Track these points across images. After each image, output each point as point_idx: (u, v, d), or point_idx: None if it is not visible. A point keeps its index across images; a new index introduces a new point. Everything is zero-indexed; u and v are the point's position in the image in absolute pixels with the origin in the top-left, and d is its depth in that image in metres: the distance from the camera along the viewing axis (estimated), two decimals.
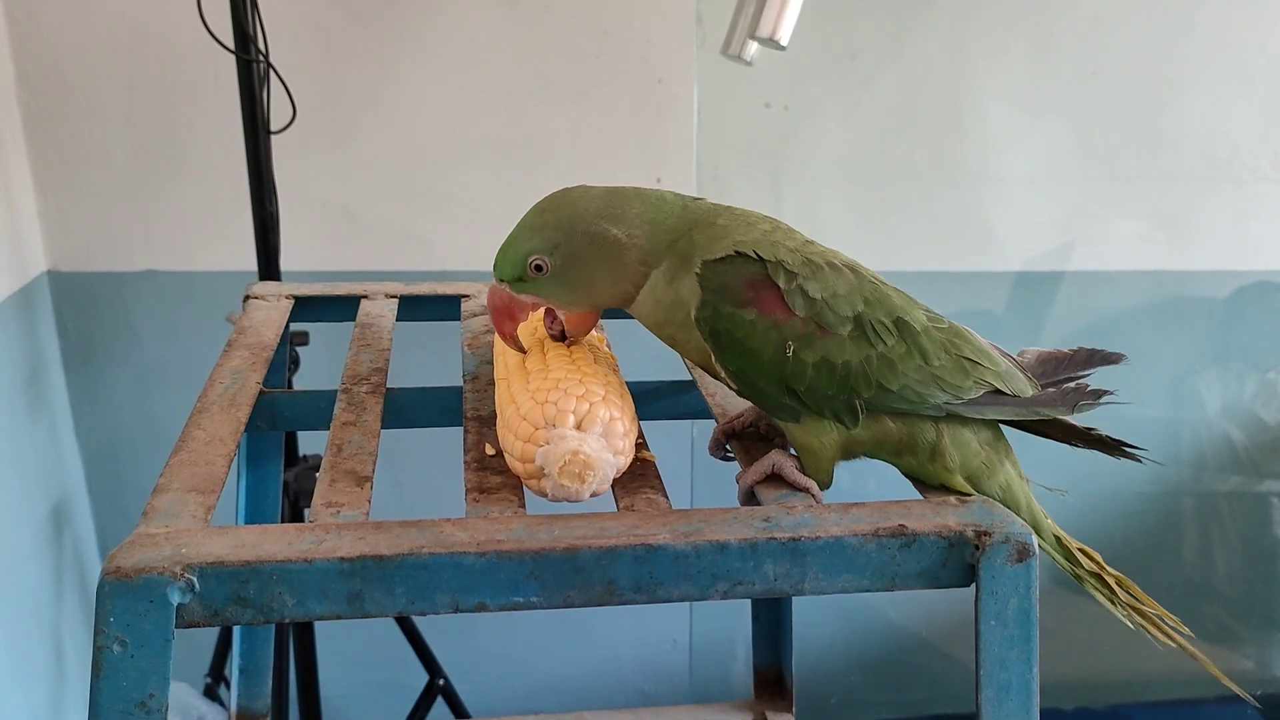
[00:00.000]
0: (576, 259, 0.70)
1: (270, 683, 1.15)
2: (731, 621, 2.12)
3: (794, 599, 1.14)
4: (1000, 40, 1.90)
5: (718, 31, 1.63)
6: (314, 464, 1.65)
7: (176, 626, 0.56)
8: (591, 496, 0.65)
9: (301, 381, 1.57)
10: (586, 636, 2.10)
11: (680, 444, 1.93)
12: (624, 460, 0.66)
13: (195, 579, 0.55)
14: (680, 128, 1.82)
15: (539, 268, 0.70)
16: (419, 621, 1.76)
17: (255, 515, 1.02)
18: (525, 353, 0.73)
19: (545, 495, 0.65)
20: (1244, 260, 2.11)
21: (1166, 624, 0.76)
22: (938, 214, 2.00)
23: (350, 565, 0.57)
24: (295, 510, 1.63)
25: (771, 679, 1.22)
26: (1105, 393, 0.74)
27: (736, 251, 0.69)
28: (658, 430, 0.89)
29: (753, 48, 1.53)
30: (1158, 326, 2.14)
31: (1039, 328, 2.10)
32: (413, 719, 1.80)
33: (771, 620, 1.20)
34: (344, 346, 0.86)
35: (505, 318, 0.72)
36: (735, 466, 0.77)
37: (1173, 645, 0.76)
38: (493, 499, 0.65)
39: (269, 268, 1.55)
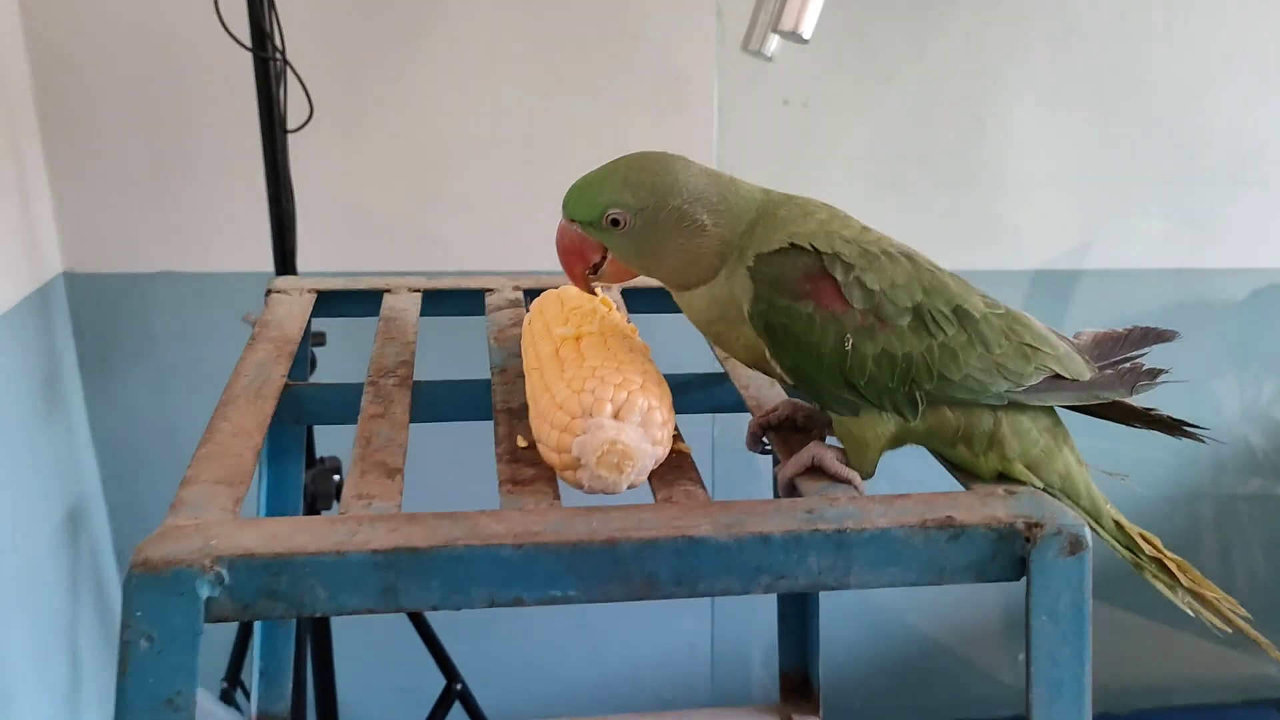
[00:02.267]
0: (658, 229, 0.67)
1: (290, 685, 1.13)
2: (752, 626, 2.10)
3: (820, 601, 1.12)
4: (1021, 38, 1.88)
5: (737, 27, 1.61)
6: (331, 466, 1.64)
7: (205, 621, 0.54)
8: (629, 488, 0.63)
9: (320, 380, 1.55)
10: (604, 641, 2.08)
11: (702, 439, 1.91)
12: (662, 451, 0.64)
13: (225, 571, 0.54)
14: (699, 125, 1.80)
15: (616, 222, 0.68)
16: (436, 625, 1.74)
17: (276, 511, 1.01)
18: (595, 295, 0.72)
19: (581, 487, 0.63)
20: (1266, 259, 2.09)
21: (1226, 607, 0.75)
22: (957, 212, 1.98)
23: (385, 557, 0.55)
24: (313, 511, 1.62)
25: (797, 682, 1.20)
26: (1161, 371, 0.73)
27: (791, 244, 0.67)
28: (681, 424, 0.87)
29: (774, 42, 1.51)
30: (1184, 324, 2.11)
31: (1060, 326, 2.08)
32: None
33: (798, 623, 1.18)
34: (361, 344, 0.84)
35: (576, 258, 0.70)
36: (755, 468, 0.75)
37: (1230, 631, 0.75)
38: (527, 491, 0.63)
39: (285, 267, 1.53)
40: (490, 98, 1.76)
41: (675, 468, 0.67)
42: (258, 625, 1.05)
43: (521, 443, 0.69)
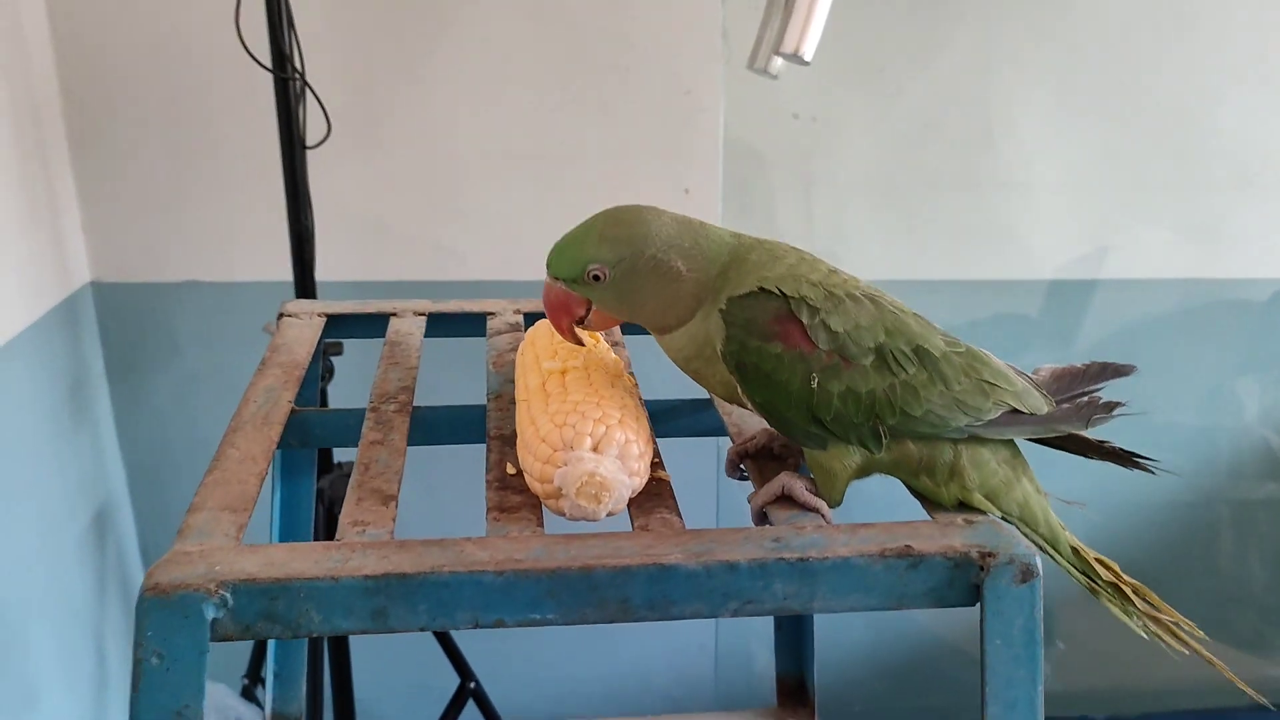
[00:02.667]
0: (636, 279, 0.71)
1: (304, 686, 1.18)
2: (757, 628, 2.14)
3: None
4: (1028, 50, 1.90)
5: (743, 46, 1.64)
6: (348, 471, 1.69)
7: (211, 640, 0.58)
8: (608, 516, 0.67)
9: (336, 391, 1.60)
10: (615, 643, 2.12)
11: (707, 460, 1.95)
12: (639, 481, 0.68)
13: (229, 595, 0.58)
14: (707, 140, 1.84)
15: (596, 277, 0.71)
16: None
17: (289, 529, 1.05)
18: (583, 345, 0.76)
19: (563, 514, 0.67)
20: (1275, 268, 2.09)
21: (1183, 630, 0.77)
22: (966, 224, 2.00)
23: (374, 583, 0.59)
24: (330, 517, 1.67)
25: (793, 686, 1.23)
26: (1117, 405, 0.76)
27: (760, 288, 0.71)
28: (683, 447, 0.91)
29: (778, 63, 1.55)
30: (1193, 333, 2.12)
31: (1072, 336, 2.09)
32: None
33: (793, 629, 1.21)
34: (374, 361, 0.88)
35: (563, 313, 0.74)
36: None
37: (1187, 654, 0.77)
38: (513, 518, 0.67)
39: (304, 279, 1.58)
40: (502, 113, 1.80)
41: (654, 495, 0.71)
42: None
43: (511, 470, 0.73)
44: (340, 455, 1.72)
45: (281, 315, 0.99)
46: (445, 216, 1.85)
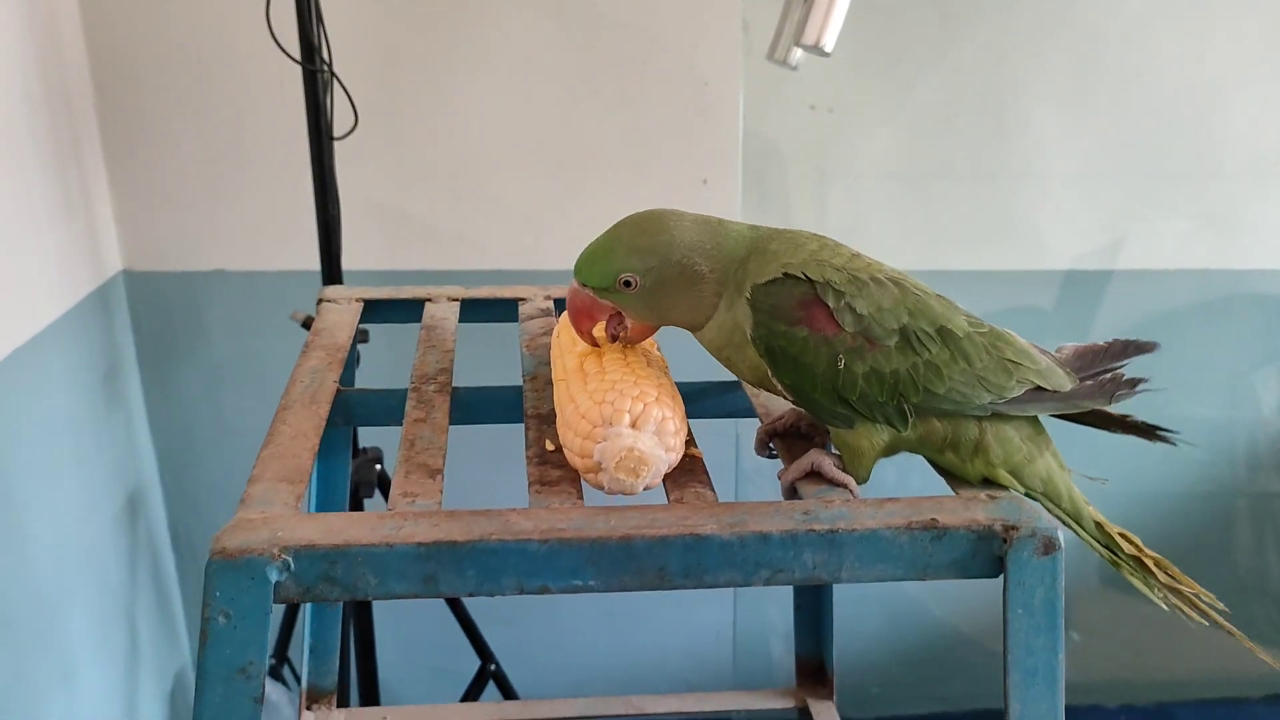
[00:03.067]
0: (665, 284, 0.74)
1: (338, 661, 1.21)
2: (774, 612, 2.17)
3: (835, 590, 1.18)
4: (1044, 41, 1.92)
5: (763, 37, 1.67)
6: (373, 456, 1.73)
7: (274, 601, 0.62)
8: (645, 490, 0.70)
9: (362, 377, 1.64)
10: (633, 626, 2.15)
11: (726, 441, 1.97)
12: (675, 457, 0.71)
13: (291, 559, 0.61)
14: (726, 131, 1.86)
15: (628, 284, 0.74)
16: (471, 609, 1.83)
17: (325, 504, 1.09)
18: (599, 347, 0.79)
19: (602, 488, 0.70)
20: None
21: (1203, 601, 0.80)
22: (983, 214, 2.02)
23: (426, 550, 0.63)
24: (355, 498, 1.70)
25: (813, 668, 1.26)
26: (1140, 381, 0.78)
27: (785, 274, 0.73)
28: (702, 428, 0.94)
29: (798, 54, 1.57)
30: (1211, 325, 2.14)
31: (1088, 326, 2.11)
32: (465, 702, 1.87)
33: (813, 611, 1.24)
34: (402, 345, 0.91)
35: (585, 318, 0.77)
36: (775, 463, 0.82)
37: (1207, 625, 0.80)
38: (553, 491, 0.71)
39: (331, 268, 1.62)
40: (525, 105, 1.83)
41: (688, 471, 0.74)
42: (307, 606, 1.14)
43: (549, 446, 0.76)
44: (364, 441, 1.76)
45: (321, 300, 1.03)
46: (468, 207, 1.88)
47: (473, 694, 1.86)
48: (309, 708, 1.21)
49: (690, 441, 0.77)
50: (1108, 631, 2.26)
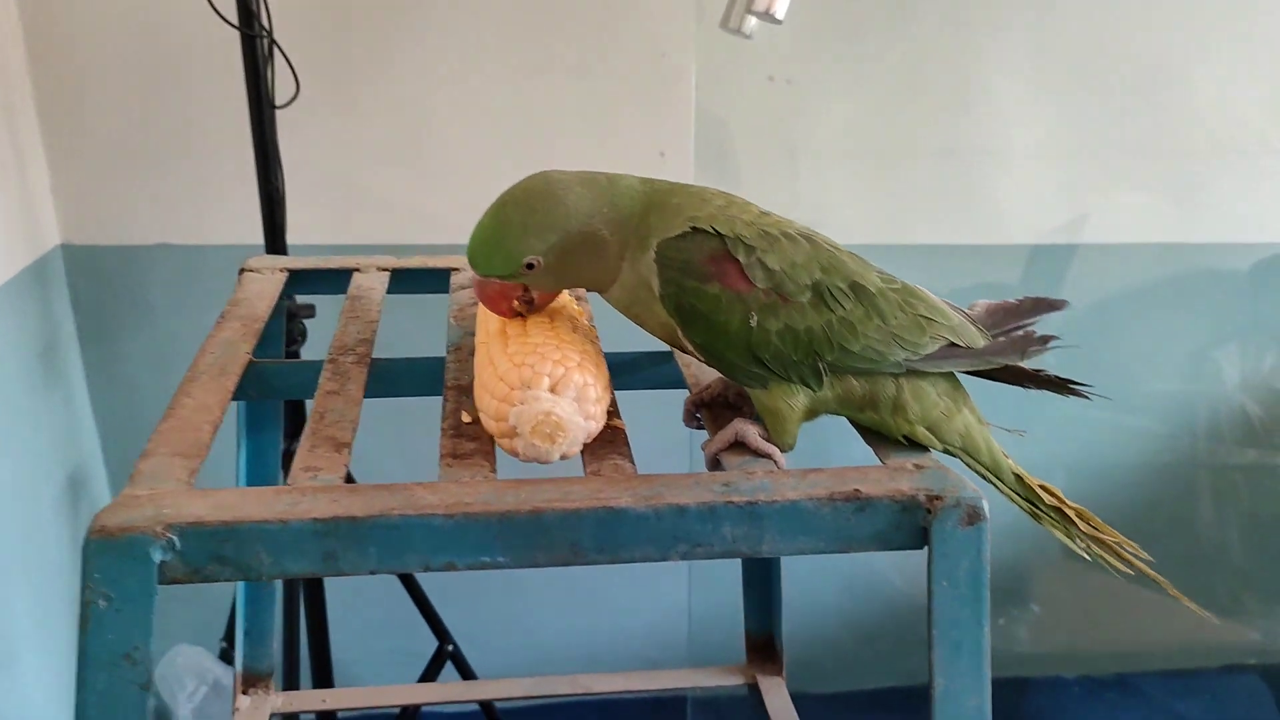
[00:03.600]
0: (568, 257, 0.71)
1: (275, 644, 1.19)
2: (730, 588, 2.15)
3: (790, 563, 1.16)
4: (1003, 13, 1.89)
5: (717, 4, 1.63)
6: None
7: (159, 583, 0.59)
8: (561, 459, 0.68)
9: (309, 354, 1.60)
10: (592, 604, 2.13)
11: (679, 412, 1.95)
12: (595, 425, 0.68)
13: (176, 538, 0.58)
14: (683, 102, 1.83)
15: (531, 266, 0.71)
16: (428, 588, 1.80)
17: (256, 482, 1.06)
18: (525, 318, 0.75)
19: (517, 454, 0.67)
20: (1253, 233, 2.10)
21: (1126, 550, 0.79)
22: (944, 188, 2.00)
23: (324, 525, 0.60)
24: None
25: (762, 644, 1.25)
26: (1052, 338, 0.77)
27: (693, 228, 0.71)
28: (655, 399, 0.91)
29: (752, 21, 1.54)
30: (1174, 300, 2.14)
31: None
32: (423, 683, 1.85)
33: (762, 587, 1.23)
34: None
35: (501, 300, 0.74)
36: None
37: (1132, 574, 0.79)
38: (465, 464, 0.68)
39: (275, 241, 1.57)
40: (476, 75, 1.79)
41: (609, 443, 0.72)
42: (240, 586, 1.11)
43: (466, 418, 0.73)
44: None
45: (243, 270, 0.99)
46: (420, 180, 1.84)
47: (430, 675, 1.83)
48: (245, 692, 1.18)
49: (614, 413, 0.74)
50: (1067, 603, 2.27)
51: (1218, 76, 1.96)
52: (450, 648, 1.84)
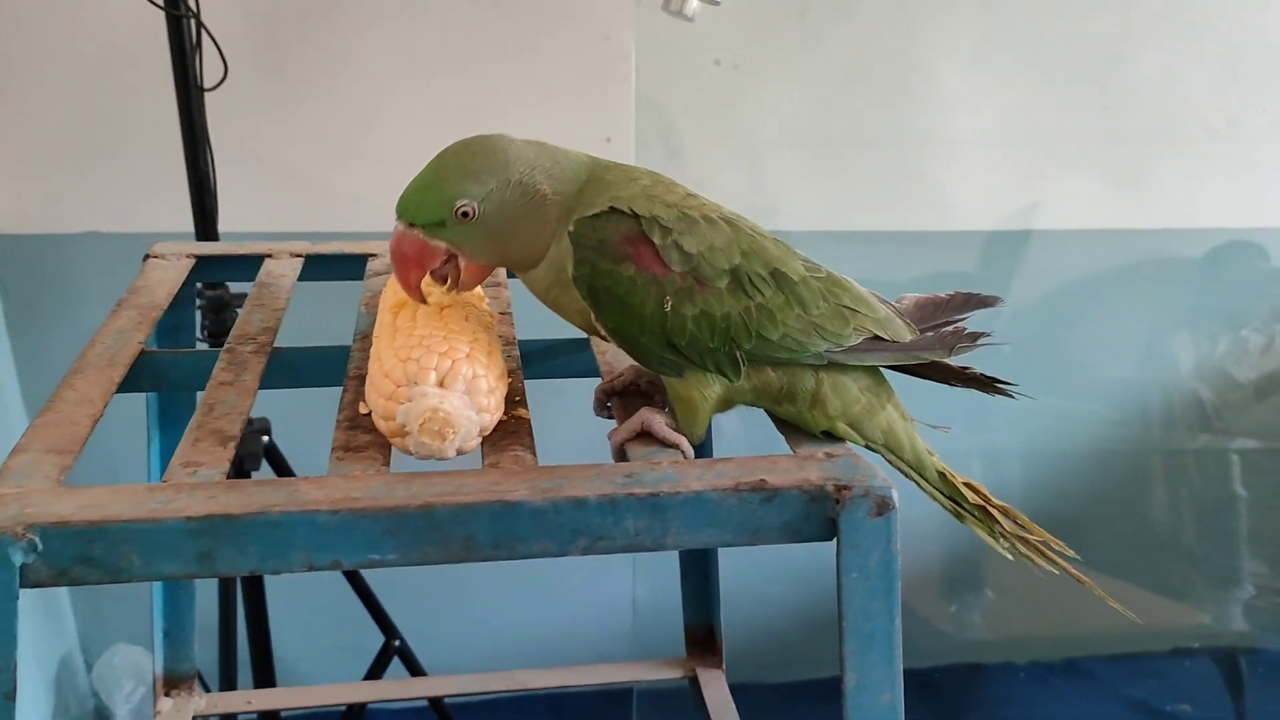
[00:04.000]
0: (506, 208, 0.67)
1: (196, 644, 1.15)
2: (674, 578, 2.13)
3: (732, 554, 1.14)
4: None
5: None
6: (260, 426, 1.65)
7: (22, 586, 0.55)
8: (458, 454, 0.65)
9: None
10: (540, 596, 2.11)
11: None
12: (489, 418, 0.65)
13: (38, 539, 0.55)
14: (623, 85, 1.80)
15: (465, 214, 0.67)
16: (373, 583, 1.77)
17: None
18: (426, 303, 0.71)
19: (409, 453, 0.64)
20: (1203, 219, 2.11)
21: (1052, 550, 0.77)
22: (894, 174, 1.99)
23: (199, 524, 0.57)
24: (241, 473, 1.63)
25: (702, 636, 1.23)
26: (981, 335, 0.75)
27: (611, 208, 0.68)
28: (582, 387, 0.88)
29: (693, 4, 1.51)
30: (1129, 285, 2.14)
31: (1006, 288, 2.10)
32: (369, 680, 1.81)
33: (700, 578, 1.21)
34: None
35: (414, 265, 0.69)
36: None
37: (1057, 573, 0.77)
38: (358, 457, 0.65)
39: (206, 228, 1.53)
40: (418, 58, 1.75)
41: (511, 433, 0.69)
42: (156, 585, 1.07)
43: (364, 409, 0.70)
44: (254, 410, 1.68)
45: (147, 257, 0.95)
46: (360, 165, 1.80)
47: (377, 670, 1.80)
48: (167, 694, 1.14)
49: (519, 401, 0.72)
50: (1017, 590, 2.27)
51: (1159, 62, 1.96)
52: (397, 643, 1.81)
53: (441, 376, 0.63)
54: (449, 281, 0.70)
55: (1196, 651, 2.36)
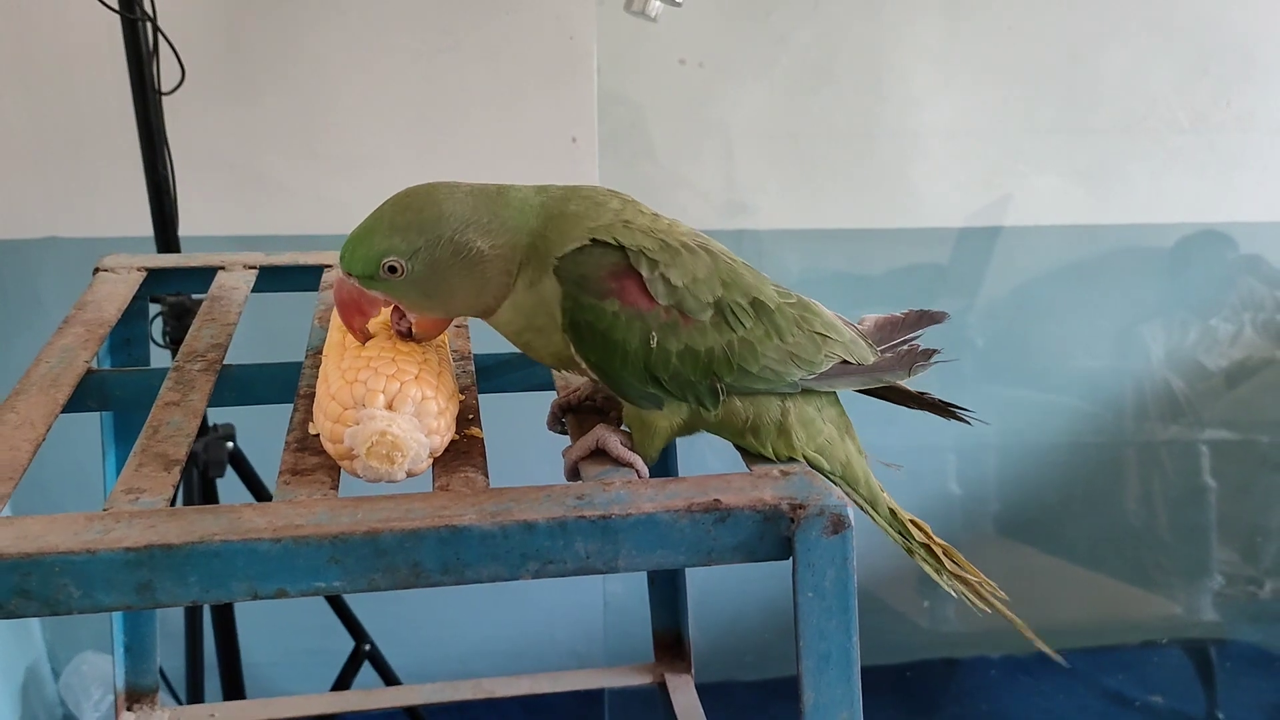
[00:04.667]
0: (437, 268, 0.66)
1: (158, 658, 1.14)
2: (641, 584, 2.13)
3: None
4: None
5: None
6: (224, 433, 1.63)
7: None
8: (408, 476, 0.64)
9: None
10: (517, 600, 2.10)
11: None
12: (439, 440, 0.64)
13: None
14: (590, 86, 1.79)
15: (393, 269, 0.65)
16: None
17: None
18: (365, 343, 0.69)
19: (358, 476, 0.63)
20: (1169, 214, 2.12)
21: (985, 590, 0.79)
22: (863, 171, 1.98)
23: (137, 555, 0.55)
24: (206, 481, 1.61)
25: (670, 641, 1.23)
26: (934, 352, 0.75)
27: (593, 240, 0.66)
28: (536, 401, 0.87)
29: (657, 5, 1.50)
30: (1099, 278, 2.15)
31: (977, 283, 2.10)
32: (339, 686, 1.80)
33: (667, 584, 1.20)
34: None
35: (354, 312, 0.68)
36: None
37: (989, 611, 0.79)
38: (305, 481, 0.64)
39: (166, 233, 1.51)
40: (383, 58, 1.73)
41: (463, 453, 0.68)
42: None
43: (313, 430, 0.69)
44: (215, 417, 1.66)
45: (97, 270, 0.93)
46: (325, 167, 1.78)
47: (347, 676, 1.79)
48: (130, 708, 1.13)
49: (472, 420, 0.71)
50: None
51: (1125, 57, 1.97)
52: (368, 647, 1.80)
53: (390, 399, 0.62)
54: (408, 334, 0.69)
55: (1170, 643, 2.38)
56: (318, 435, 0.68)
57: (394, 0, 1.70)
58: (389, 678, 1.82)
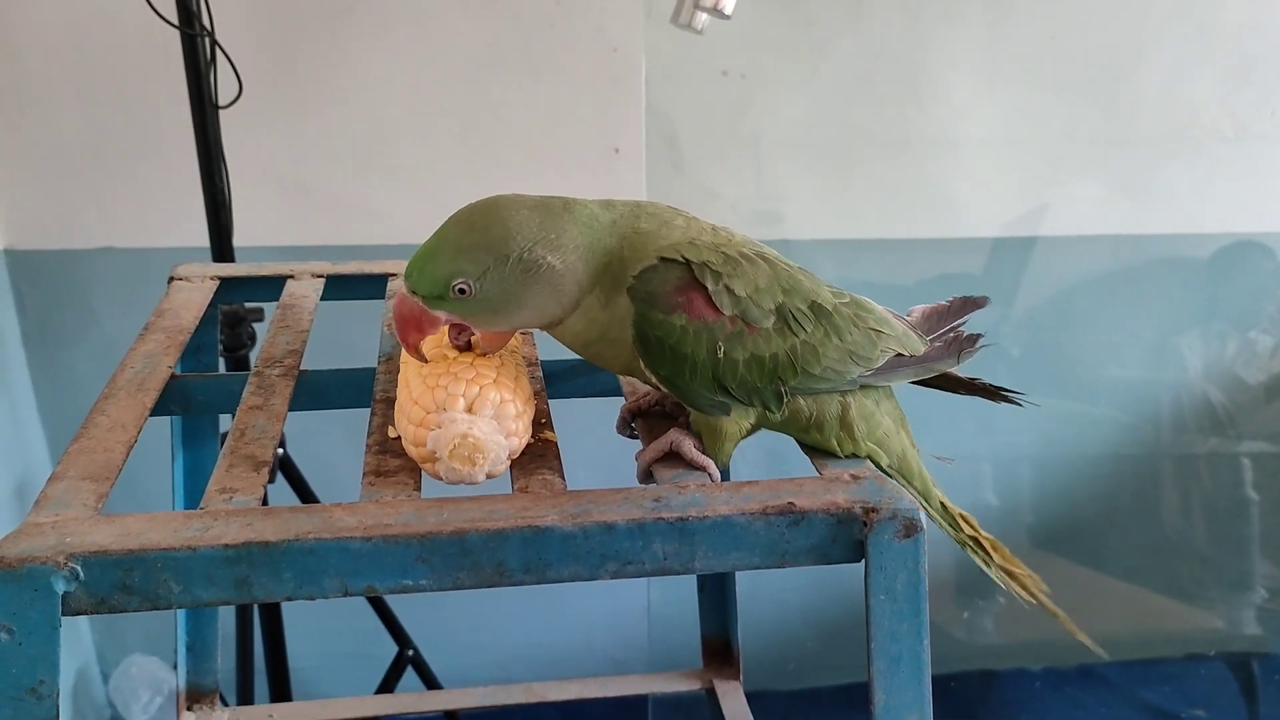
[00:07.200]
0: (507, 286, 0.66)
1: (219, 658, 1.16)
2: (691, 587, 2.14)
3: None
4: (957, 4, 1.88)
5: (669, 1, 1.61)
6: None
7: (64, 614, 0.56)
8: (487, 478, 0.66)
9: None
10: (557, 606, 2.11)
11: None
12: (518, 442, 0.66)
13: (79, 568, 0.56)
14: (636, 98, 1.81)
15: (463, 291, 0.65)
16: None
17: (193, 497, 1.03)
18: (425, 361, 0.70)
19: (440, 478, 0.65)
20: (1209, 224, 2.11)
21: (1031, 584, 0.82)
22: (902, 181, 1.99)
23: (235, 552, 0.57)
24: None
25: (719, 647, 1.24)
26: (979, 337, 0.77)
27: (661, 258, 0.68)
28: (605, 408, 0.89)
29: (702, 17, 1.52)
30: (1137, 289, 2.14)
31: (1013, 293, 2.10)
32: (383, 690, 1.82)
33: (716, 590, 1.22)
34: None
35: (412, 329, 0.67)
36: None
37: (1035, 603, 0.81)
38: (389, 482, 0.66)
39: (221, 244, 1.54)
40: (427, 72, 1.76)
41: (539, 456, 0.70)
42: None
43: (393, 433, 0.71)
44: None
45: (171, 279, 0.96)
46: (373, 179, 1.81)
47: (390, 681, 1.81)
48: (190, 708, 1.15)
49: (545, 424, 0.72)
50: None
51: (1166, 66, 1.96)
52: (411, 652, 1.82)
53: (470, 402, 0.64)
54: (466, 348, 0.70)
55: (1212, 657, 2.35)
56: (398, 438, 0.70)
57: (441, 17, 1.73)
58: (430, 682, 1.84)
